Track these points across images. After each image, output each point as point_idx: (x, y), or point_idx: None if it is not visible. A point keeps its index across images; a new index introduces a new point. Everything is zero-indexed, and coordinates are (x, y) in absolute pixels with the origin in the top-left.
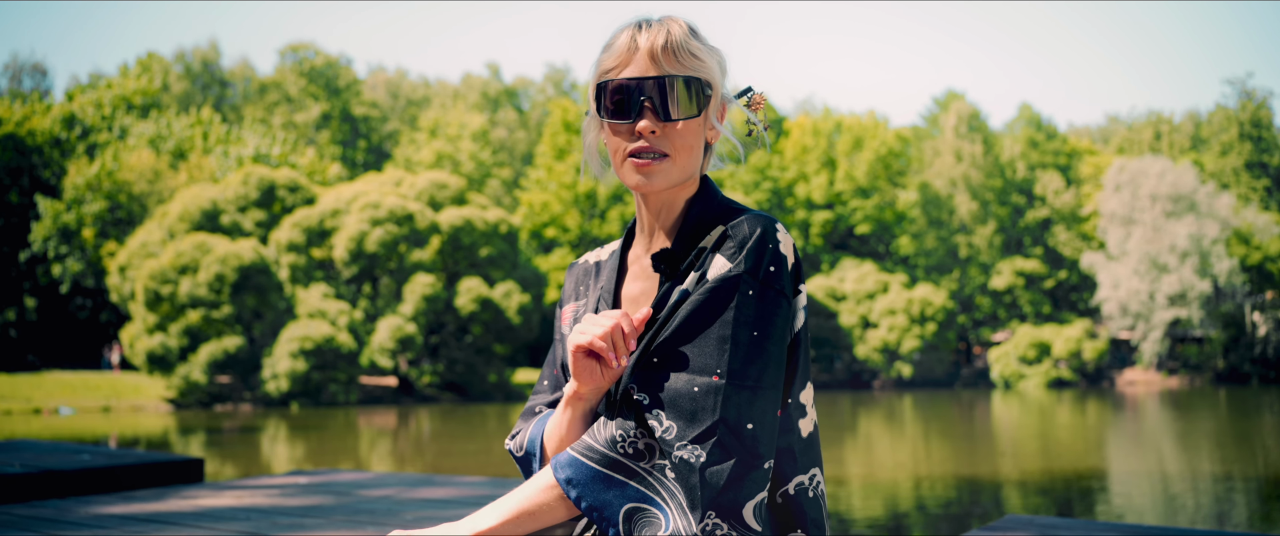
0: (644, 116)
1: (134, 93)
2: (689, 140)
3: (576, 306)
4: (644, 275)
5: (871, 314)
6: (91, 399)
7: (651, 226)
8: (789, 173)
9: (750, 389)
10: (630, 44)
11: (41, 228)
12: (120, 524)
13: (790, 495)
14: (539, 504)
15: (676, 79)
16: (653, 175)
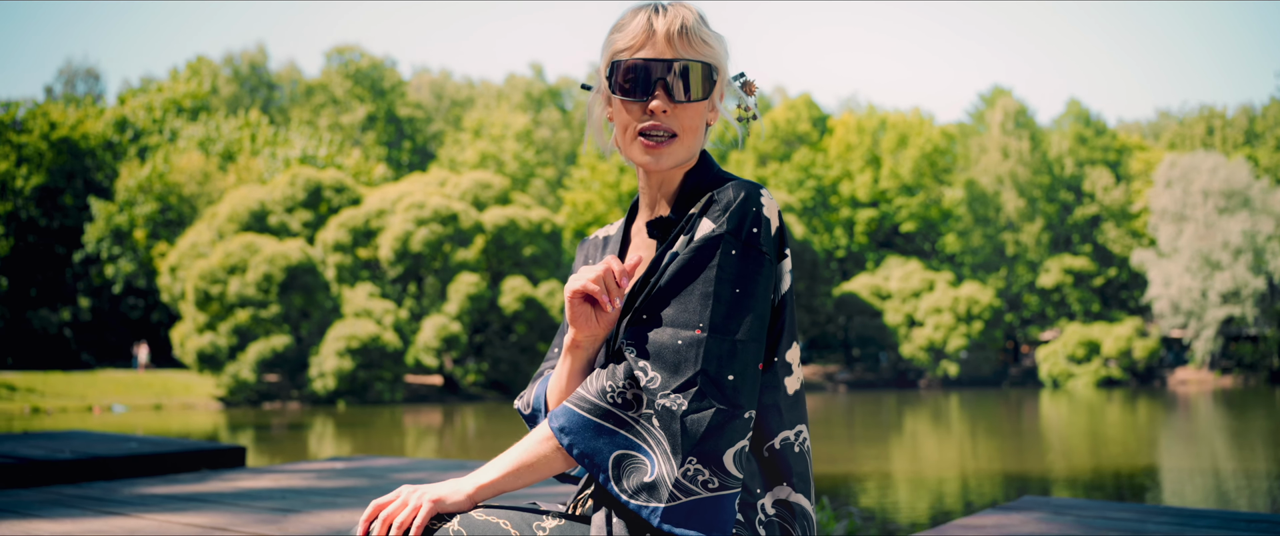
0: (657, 96)
1: (184, 96)
2: (695, 122)
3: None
4: (644, 245)
5: (917, 312)
6: (144, 397)
7: (653, 199)
8: (833, 170)
9: (732, 341)
10: (646, 26)
11: (95, 229)
12: (162, 502)
13: (776, 449)
14: (537, 454)
15: (691, 63)
16: (661, 155)
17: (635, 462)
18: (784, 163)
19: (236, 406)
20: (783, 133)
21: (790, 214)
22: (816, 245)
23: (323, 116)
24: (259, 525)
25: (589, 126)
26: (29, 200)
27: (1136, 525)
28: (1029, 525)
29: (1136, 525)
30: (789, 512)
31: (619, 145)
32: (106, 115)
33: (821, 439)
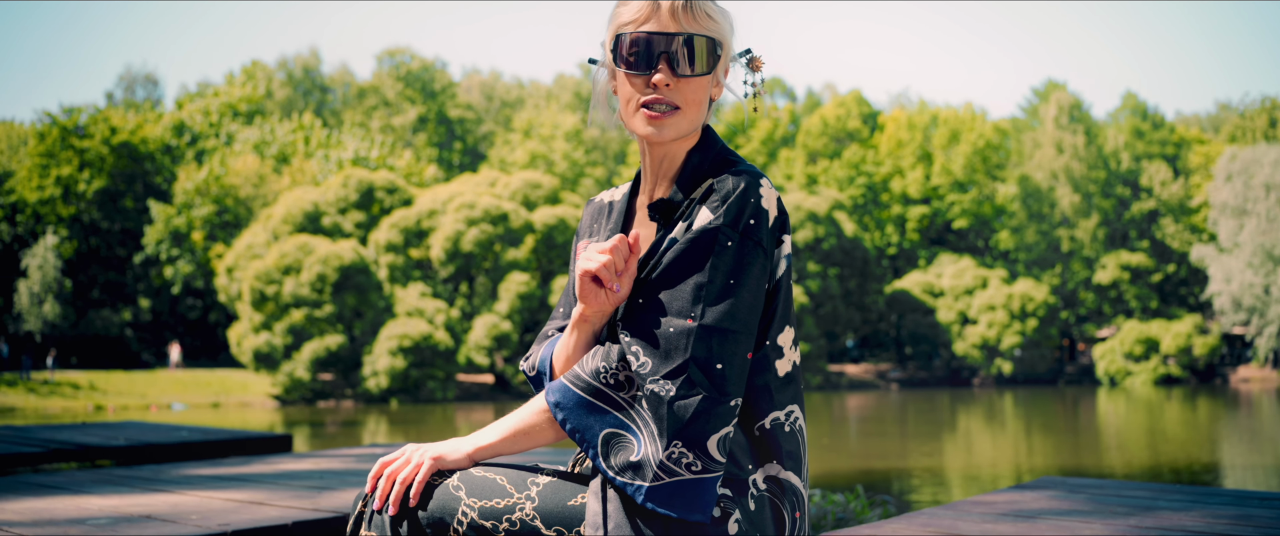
0: (660, 69)
1: (239, 100)
2: (699, 95)
3: (588, 242)
4: (647, 221)
5: (970, 310)
6: (202, 395)
7: (655, 175)
8: (884, 167)
9: (722, 331)
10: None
11: (154, 231)
12: (205, 481)
13: (767, 429)
14: (532, 424)
15: (694, 36)
16: (663, 127)
17: (623, 441)
18: (834, 160)
19: (292, 404)
20: (833, 130)
21: (841, 211)
22: (867, 242)
23: (375, 118)
24: (293, 499)
25: (593, 99)
26: (91, 204)
27: (1148, 502)
28: (1041, 501)
29: (1148, 502)
30: (779, 488)
31: (623, 118)
32: (165, 120)
33: (874, 436)
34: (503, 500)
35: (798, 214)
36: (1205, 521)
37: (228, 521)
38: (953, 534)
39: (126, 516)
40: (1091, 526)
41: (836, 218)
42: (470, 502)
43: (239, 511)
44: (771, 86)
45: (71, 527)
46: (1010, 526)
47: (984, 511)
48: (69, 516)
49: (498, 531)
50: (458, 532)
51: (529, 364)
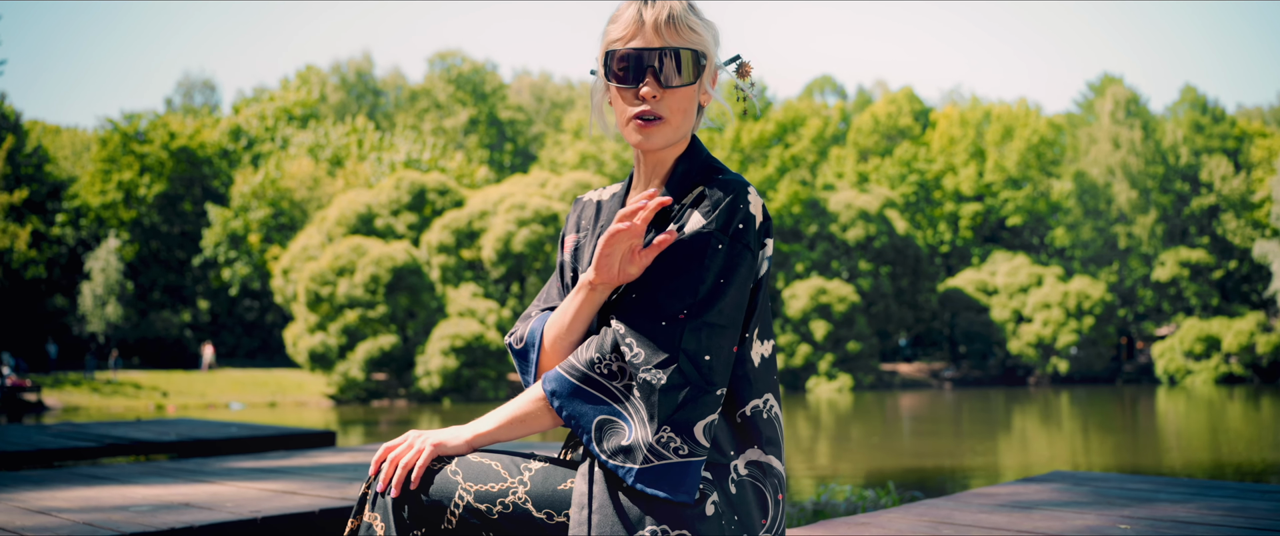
0: (647, 82)
1: (294, 104)
2: (684, 104)
3: (577, 237)
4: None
5: (1025, 308)
6: (259, 395)
7: (647, 179)
8: (936, 164)
9: (710, 326)
10: (636, 17)
11: (212, 234)
12: (246, 473)
13: (747, 416)
14: (528, 411)
15: (676, 50)
16: (651, 135)
17: (615, 427)
18: (885, 157)
19: (347, 404)
20: (883, 127)
21: (892, 209)
22: (919, 240)
23: (426, 121)
24: (324, 490)
25: (592, 109)
26: (151, 207)
27: (1149, 494)
28: (1042, 493)
29: (1149, 494)
30: (760, 471)
31: (620, 128)
32: (222, 124)
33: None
34: (497, 484)
35: (848, 212)
36: (1199, 513)
37: (259, 509)
38: (945, 521)
39: (167, 504)
40: (1084, 517)
41: (888, 216)
42: (467, 486)
43: (272, 500)
44: (821, 84)
45: (115, 514)
46: (1004, 516)
47: (983, 502)
48: (114, 504)
49: (492, 513)
50: (454, 514)
51: (515, 337)
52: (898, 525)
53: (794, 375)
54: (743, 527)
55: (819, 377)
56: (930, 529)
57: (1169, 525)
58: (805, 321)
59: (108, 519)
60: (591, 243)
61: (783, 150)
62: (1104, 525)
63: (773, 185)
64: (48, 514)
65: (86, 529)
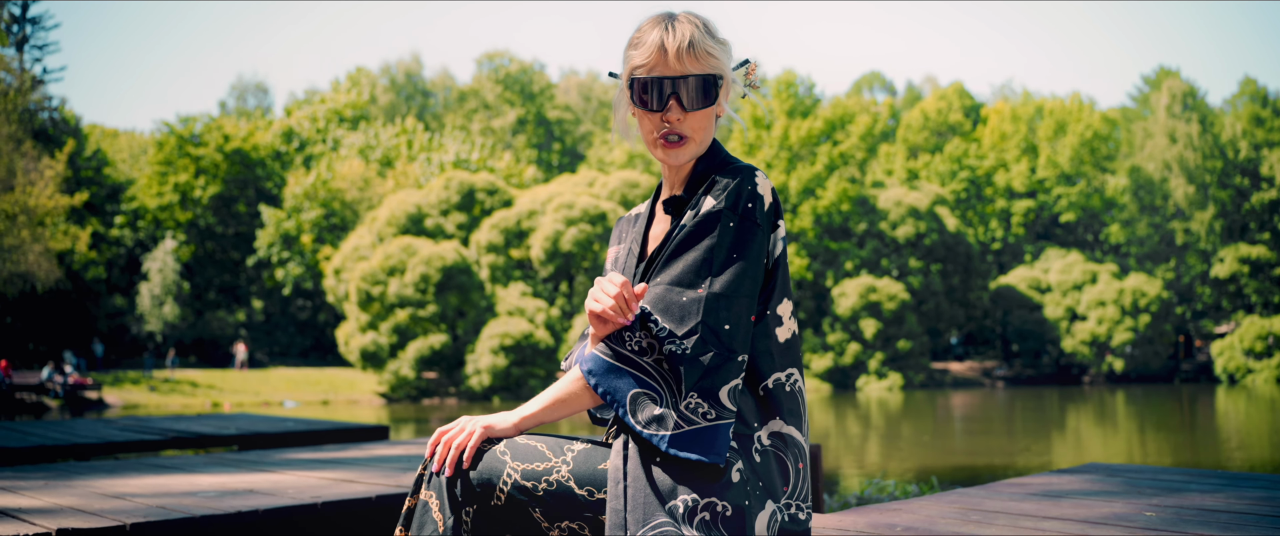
0: (669, 108)
1: (345, 106)
2: (705, 122)
3: (618, 249)
4: (663, 218)
5: (1079, 305)
6: (312, 393)
7: (671, 181)
8: (987, 160)
9: (727, 297)
10: (658, 45)
11: (265, 235)
12: (304, 463)
13: (769, 389)
14: (569, 392)
15: (695, 78)
16: (678, 153)
17: (647, 399)
18: (935, 154)
19: (398, 402)
20: (933, 123)
21: (942, 206)
22: (970, 237)
23: (475, 121)
24: (380, 478)
25: (615, 119)
26: (206, 209)
27: (1180, 485)
28: (1076, 484)
29: (1180, 485)
30: (782, 441)
31: (646, 144)
32: (274, 127)
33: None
34: (542, 464)
35: (898, 209)
36: (1227, 502)
37: (319, 495)
38: (974, 508)
39: (232, 490)
40: (1112, 505)
41: (938, 213)
42: (514, 466)
43: (330, 488)
44: (870, 81)
45: (184, 499)
46: (1033, 504)
47: (1015, 491)
48: (183, 490)
49: (537, 490)
50: (503, 491)
51: (567, 364)
52: (927, 510)
53: (843, 373)
54: (767, 493)
55: (869, 376)
56: (959, 515)
57: (1194, 513)
58: (855, 320)
59: (178, 503)
60: (625, 251)
61: (831, 147)
62: (1130, 512)
63: (821, 183)
64: (121, 498)
65: (159, 511)
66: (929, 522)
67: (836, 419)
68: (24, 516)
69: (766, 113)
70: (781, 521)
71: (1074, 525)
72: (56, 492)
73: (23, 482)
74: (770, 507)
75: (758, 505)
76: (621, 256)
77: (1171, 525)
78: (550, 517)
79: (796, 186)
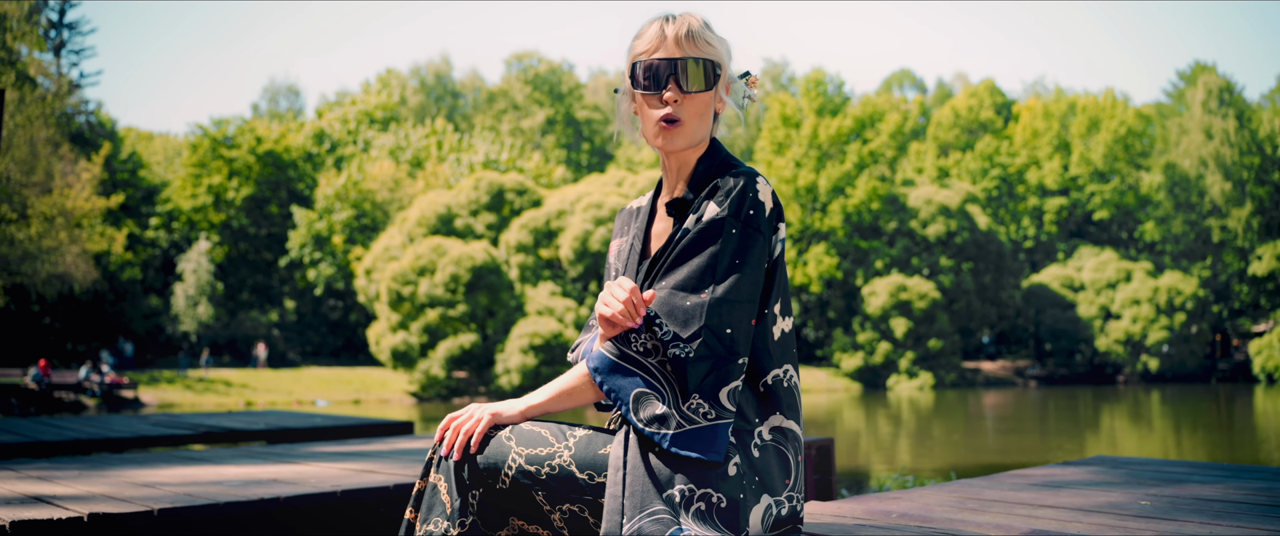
0: (668, 87)
1: (375, 108)
2: (702, 108)
3: (620, 242)
4: (664, 218)
5: (1113, 304)
6: (343, 392)
7: (672, 179)
8: (1019, 158)
9: (729, 302)
10: (659, 32)
11: (297, 236)
12: (328, 456)
13: (769, 385)
14: (574, 386)
15: (694, 59)
16: (673, 137)
17: (650, 399)
18: (966, 152)
19: (428, 401)
20: (964, 121)
21: (974, 204)
22: (1002, 235)
23: (504, 122)
24: (400, 469)
25: (619, 120)
26: (239, 210)
27: (1181, 476)
28: (1079, 474)
29: (1181, 476)
30: (783, 436)
31: (645, 135)
32: (306, 128)
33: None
34: (545, 449)
35: (928, 207)
36: (1223, 492)
37: (340, 484)
38: (973, 497)
39: (257, 480)
40: (1110, 495)
41: (969, 211)
42: (519, 451)
43: (351, 478)
44: (900, 78)
45: (211, 487)
46: (1032, 494)
47: (1016, 481)
48: (210, 480)
49: (541, 474)
50: (508, 475)
51: (575, 356)
52: (925, 499)
53: (874, 373)
54: (763, 487)
55: (899, 375)
56: (956, 503)
57: (1189, 502)
58: (885, 319)
59: (205, 491)
60: (626, 239)
61: (861, 146)
62: (1126, 501)
63: (851, 181)
64: (151, 486)
65: (186, 498)
66: (925, 510)
67: (867, 418)
68: (57, 502)
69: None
70: (777, 515)
71: (1067, 513)
72: (89, 481)
73: (58, 473)
74: (766, 501)
75: (753, 499)
76: (625, 251)
77: (1164, 513)
78: (552, 500)
79: (826, 185)
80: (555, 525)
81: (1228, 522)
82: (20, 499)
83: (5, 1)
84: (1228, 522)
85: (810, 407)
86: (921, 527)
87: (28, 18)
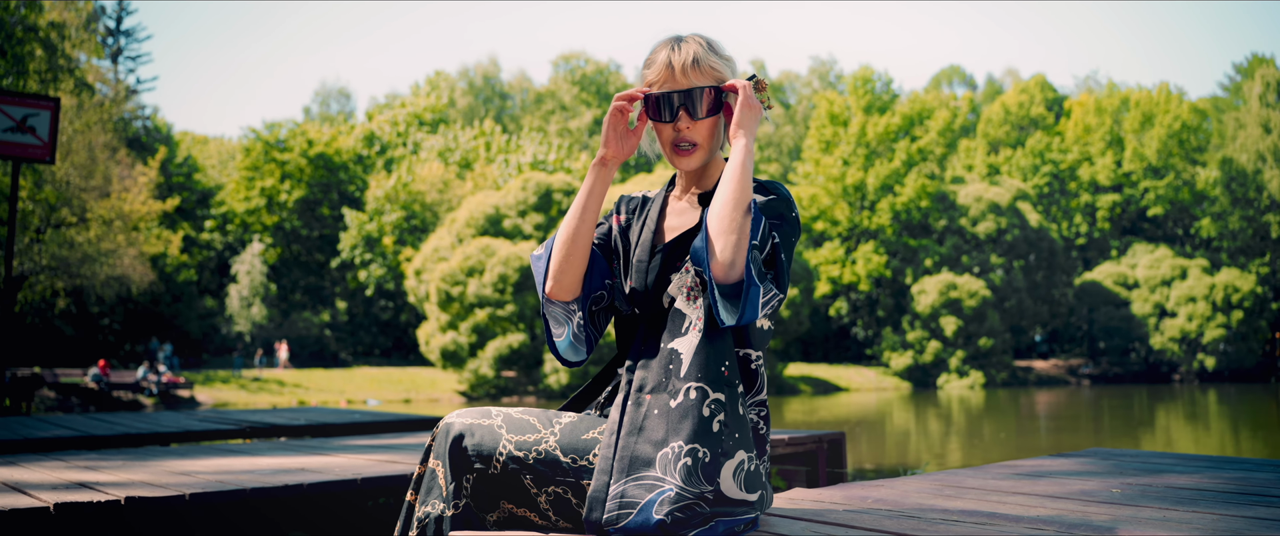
0: (679, 118)
1: (424, 110)
2: (712, 131)
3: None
4: (679, 213)
5: (1168, 301)
6: (394, 392)
7: (687, 186)
8: (1071, 154)
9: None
10: (666, 63)
11: (348, 237)
12: (358, 448)
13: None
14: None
15: (700, 89)
16: (689, 160)
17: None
18: (1017, 148)
19: (477, 400)
20: (1015, 117)
21: (1025, 201)
22: (1054, 233)
23: (552, 122)
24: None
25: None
26: (292, 212)
27: (1166, 467)
28: (1065, 465)
29: (1166, 467)
30: (759, 409)
31: (663, 152)
32: (356, 131)
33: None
34: (533, 435)
35: (978, 205)
36: (1197, 481)
37: (360, 472)
38: (953, 484)
39: (286, 469)
40: (1087, 483)
41: (1020, 208)
42: (509, 438)
43: (374, 467)
44: (949, 75)
45: (242, 475)
46: (1010, 483)
47: (1001, 471)
48: (243, 469)
49: (528, 459)
50: (499, 462)
51: (538, 251)
52: (906, 486)
53: (923, 371)
54: (739, 444)
55: (949, 374)
56: (934, 490)
57: (1161, 490)
58: (934, 317)
59: (236, 478)
60: (638, 225)
61: (909, 143)
62: (1098, 489)
63: (899, 179)
64: (187, 474)
65: (217, 484)
66: (901, 495)
67: (917, 416)
68: (99, 488)
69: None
70: (747, 472)
71: (1036, 499)
72: (132, 470)
73: (104, 463)
74: (740, 457)
75: (729, 454)
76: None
77: (1129, 500)
78: (538, 483)
79: (874, 183)
80: (541, 507)
81: (1185, 508)
82: (66, 484)
83: (64, 10)
84: (1185, 508)
85: (859, 406)
86: (890, 511)
87: (86, 25)
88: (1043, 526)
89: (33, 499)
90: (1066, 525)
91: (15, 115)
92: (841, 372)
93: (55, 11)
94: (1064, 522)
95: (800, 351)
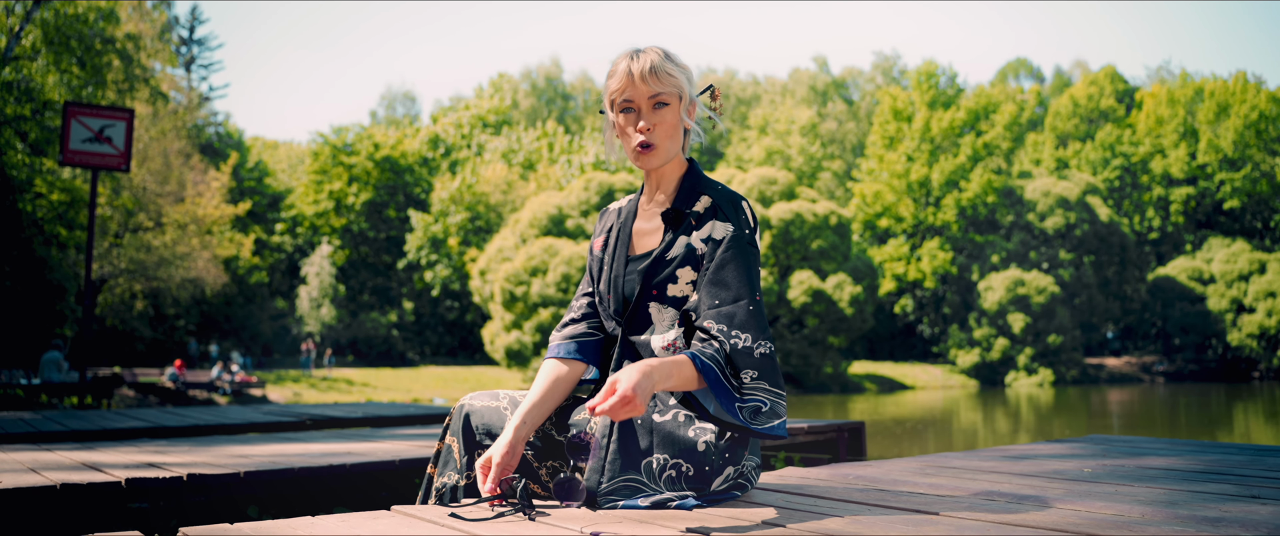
0: (640, 118)
1: (488, 112)
2: (670, 132)
3: (603, 238)
4: (649, 218)
5: (1246, 297)
6: (460, 390)
7: (654, 191)
8: (1143, 147)
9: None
10: (627, 71)
11: (414, 238)
12: (403, 437)
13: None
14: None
15: (657, 93)
16: (650, 159)
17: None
18: (1086, 142)
19: None
20: (1084, 110)
21: (1094, 196)
22: (1125, 227)
23: None
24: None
25: (607, 142)
26: (359, 215)
27: (1150, 451)
28: (1055, 449)
29: (1150, 451)
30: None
31: (627, 155)
32: (422, 134)
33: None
34: None
35: (1046, 200)
36: (1172, 463)
37: (401, 455)
38: (940, 465)
39: (333, 453)
40: (1064, 464)
41: (1090, 202)
42: (512, 418)
43: (405, 451)
44: (1016, 68)
45: (293, 458)
46: (992, 464)
47: (992, 454)
48: (297, 453)
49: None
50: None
51: (551, 345)
52: (892, 467)
53: (991, 369)
54: (728, 461)
55: (1017, 372)
56: (918, 469)
57: (1131, 470)
58: (1002, 314)
59: (287, 461)
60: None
61: (974, 138)
62: (1071, 469)
63: (965, 174)
64: (244, 457)
65: (269, 464)
66: (886, 474)
67: (985, 415)
68: (165, 467)
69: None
70: (734, 480)
71: (1007, 477)
72: (196, 454)
73: (172, 447)
74: (727, 471)
75: (717, 471)
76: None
77: (1095, 478)
78: (539, 458)
79: (939, 179)
80: (541, 479)
81: (1143, 484)
82: (138, 464)
83: (140, 21)
84: (1143, 484)
85: (925, 404)
86: (867, 487)
87: (160, 36)
88: (994, 498)
89: (107, 474)
90: (1016, 498)
91: (93, 127)
92: (907, 370)
93: (131, 23)
94: (1014, 495)
95: (866, 349)
